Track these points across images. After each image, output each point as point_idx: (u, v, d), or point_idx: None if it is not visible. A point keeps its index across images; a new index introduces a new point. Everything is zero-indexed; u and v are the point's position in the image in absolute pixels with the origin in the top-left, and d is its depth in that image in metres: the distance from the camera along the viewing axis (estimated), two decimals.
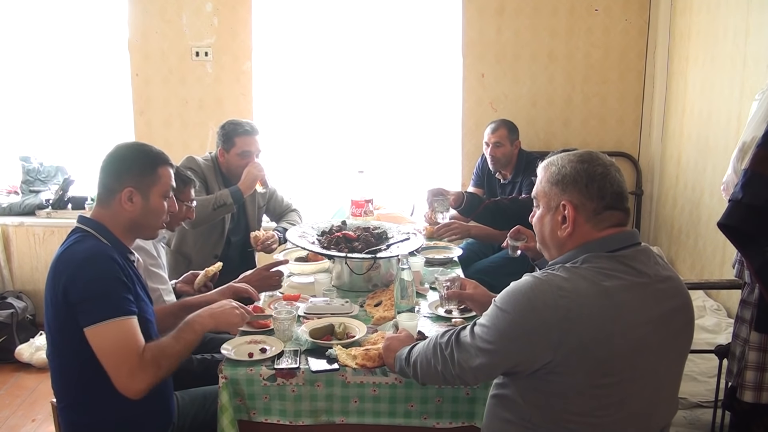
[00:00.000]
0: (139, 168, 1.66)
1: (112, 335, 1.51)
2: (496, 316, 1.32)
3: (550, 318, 1.23)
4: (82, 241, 1.61)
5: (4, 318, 3.49)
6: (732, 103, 2.81)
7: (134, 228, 1.69)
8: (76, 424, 1.66)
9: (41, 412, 2.95)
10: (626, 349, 1.25)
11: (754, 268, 1.67)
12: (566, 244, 1.36)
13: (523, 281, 1.31)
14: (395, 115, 3.98)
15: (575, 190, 1.34)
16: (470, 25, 3.72)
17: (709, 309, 2.82)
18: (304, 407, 1.74)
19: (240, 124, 2.86)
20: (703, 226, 3.09)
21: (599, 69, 3.75)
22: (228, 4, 3.76)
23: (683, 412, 2.17)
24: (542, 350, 1.24)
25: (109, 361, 1.51)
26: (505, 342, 1.30)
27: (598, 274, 1.27)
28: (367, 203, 3.02)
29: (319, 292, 2.26)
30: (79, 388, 1.62)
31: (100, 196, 1.68)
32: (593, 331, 1.23)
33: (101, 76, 4.04)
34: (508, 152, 3.25)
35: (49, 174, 4.09)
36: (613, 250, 1.31)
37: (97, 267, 1.55)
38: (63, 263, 1.58)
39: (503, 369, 1.35)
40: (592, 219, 1.33)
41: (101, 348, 1.51)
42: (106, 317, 1.50)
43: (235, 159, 2.83)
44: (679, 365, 1.39)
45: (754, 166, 1.62)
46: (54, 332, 1.61)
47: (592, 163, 1.35)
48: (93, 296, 1.52)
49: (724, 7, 2.94)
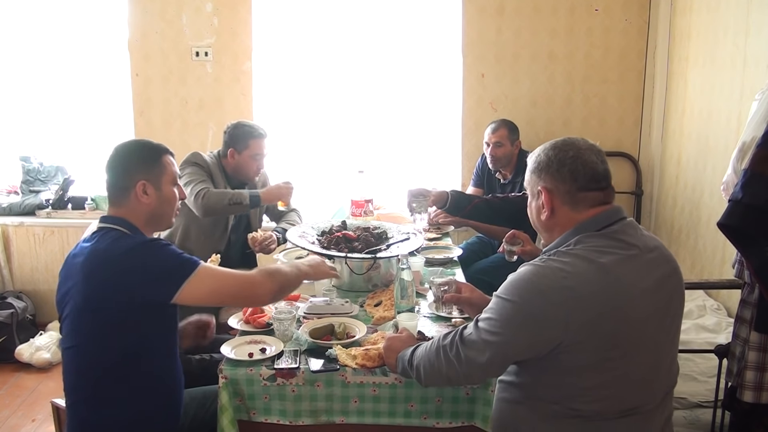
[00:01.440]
0: (145, 160, 1.70)
1: (208, 275, 1.60)
2: (501, 307, 1.35)
3: (557, 298, 1.27)
4: (114, 237, 1.62)
5: (4, 318, 3.49)
6: (732, 103, 2.81)
7: (153, 219, 1.73)
8: (87, 420, 1.65)
9: (41, 412, 2.95)
10: (628, 320, 1.30)
11: (754, 268, 1.67)
12: (552, 229, 1.44)
13: (523, 270, 1.35)
14: (395, 115, 3.98)
15: (548, 175, 1.42)
16: (470, 25, 3.72)
17: (709, 309, 2.83)
18: (304, 407, 1.74)
19: (254, 127, 2.88)
20: (703, 226, 3.09)
21: (599, 69, 3.75)
22: (228, 4, 3.76)
23: (683, 412, 2.16)
24: (552, 332, 1.28)
25: (225, 292, 1.62)
26: (513, 330, 1.33)
27: (593, 252, 1.32)
28: (367, 203, 3.02)
29: (319, 292, 2.26)
30: (104, 382, 1.62)
31: (112, 197, 1.70)
32: (598, 306, 1.27)
33: (101, 76, 4.03)
34: (509, 152, 3.25)
35: (49, 174, 4.09)
36: (601, 228, 1.37)
37: (147, 247, 1.61)
38: (100, 260, 1.58)
39: (513, 359, 1.38)
40: (569, 201, 1.40)
41: (206, 292, 1.59)
42: (191, 270, 1.57)
43: (248, 161, 2.85)
44: (675, 329, 1.44)
45: (754, 166, 1.63)
46: (84, 325, 1.60)
47: (564, 149, 1.43)
48: (163, 268, 1.57)
49: (724, 7, 2.94)
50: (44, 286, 3.86)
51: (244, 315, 2.04)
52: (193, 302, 1.61)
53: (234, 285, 1.64)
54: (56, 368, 3.41)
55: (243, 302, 1.82)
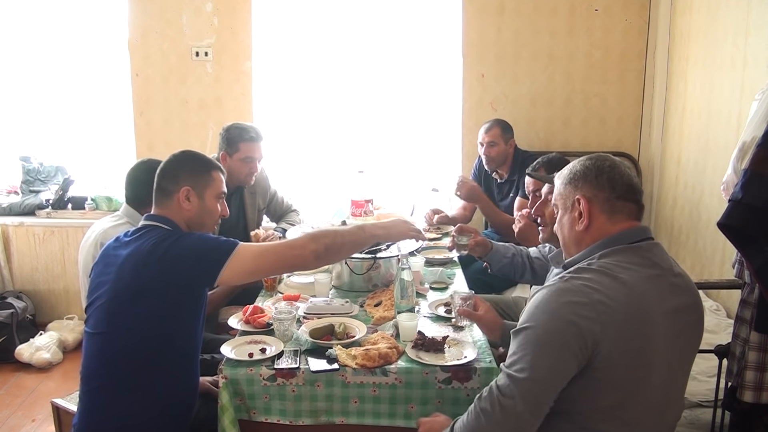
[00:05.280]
0: (194, 169, 1.80)
1: (247, 253, 1.65)
2: (526, 338, 1.29)
3: (589, 314, 1.24)
4: (159, 232, 1.69)
5: (4, 318, 3.49)
6: (732, 103, 2.81)
7: (193, 226, 1.79)
8: (106, 406, 1.65)
9: (41, 412, 2.95)
10: (653, 338, 1.28)
11: (754, 268, 1.67)
12: (584, 239, 1.41)
13: (544, 293, 1.31)
14: (395, 115, 3.98)
15: (586, 183, 1.41)
16: (470, 25, 3.72)
17: (709, 309, 2.82)
18: (304, 407, 1.74)
19: (246, 130, 2.83)
20: (703, 226, 3.08)
21: (599, 69, 3.75)
22: (228, 4, 3.75)
23: (683, 412, 2.16)
24: (587, 347, 1.24)
25: (266, 267, 1.70)
26: (551, 352, 1.26)
27: (615, 267, 1.30)
28: (367, 203, 3.01)
29: (319, 292, 2.26)
30: (129, 369, 1.64)
31: (156, 198, 1.80)
32: (628, 321, 1.26)
33: (101, 76, 4.03)
34: (503, 151, 3.26)
35: (49, 174, 4.09)
36: (628, 243, 1.35)
37: (187, 235, 1.70)
38: (147, 251, 1.64)
39: (556, 388, 1.29)
40: (607, 210, 1.39)
41: (249, 269, 1.65)
42: (230, 250, 1.63)
43: (237, 164, 2.82)
44: (688, 362, 1.42)
45: (754, 166, 1.62)
46: (119, 313, 1.65)
47: (600, 159, 1.43)
48: (202, 251, 1.64)
49: (724, 7, 2.94)
50: (44, 286, 3.86)
51: (244, 315, 2.04)
52: (238, 281, 1.71)
53: (272, 255, 1.69)
54: (56, 368, 3.41)
55: (288, 269, 1.93)
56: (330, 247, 1.71)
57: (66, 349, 3.55)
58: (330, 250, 1.72)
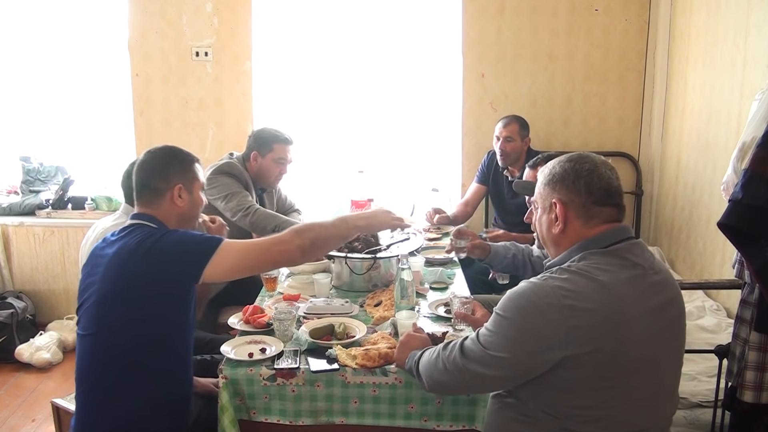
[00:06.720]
0: (182, 165, 1.80)
1: (231, 249, 1.65)
2: (500, 324, 1.34)
3: (556, 317, 1.25)
4: (145, 231, 1.69)
5: (4, 318, 3.49)
6: (732, 103, 2.81)
7: (182, 222, 1.79)
8: (101, 403, 1.65)
9: (41, 412, 2.95)
10: (630, 340, 1.28)
11: (754, 268, 1.67)
12: (561, 242, 1.41)
13: (522, 287, 1.33)
14: (395, 115, 3.98)
15: (563, 187, 1.40)
16: (470, 25, 3.72)
17: (709, 309, 2.82)
18: (304, 407, 1.74)
19: (280, 132, 2.93)
20: (703, 226, 3.08)
21: (599, 69, 3.75)
22: (228, 4, 3.75)
23: (683, 412, 2.16)
24: (552, 350, 1.27)
25: (249, 263, 1.67)
26: (513, 346, 1.31)
27: (595, 270, 1.30)
28: (367, 203, 3.01)
29: (319, 292, 2.26)
30: (120, 367, 1.64)
31: (144, 197, 1.77)
32: (599, 325, 1.26)
33: (101, 76, 4.03)
34: (518, 148, 3.26)
35: (49, 174, 4.09)
36: (607, 245, 1.35)
37: (171, 232, 1.69)
38: (132, 249, 1.64)
39: (515, 381, 1.37)
40: (582, 215, 1.38)
41: (232, 266, 1.64)
42: (214, 247, 1.63)
43: (270, 164, 2.88)
44: (677, 358, 1.42)
45: (754, 166, 1.62)
46: (108, 313, 1.64)
47: (579, 162, 1.41)
48: (186, 248, 1.64)
49: (724, 7, 2.94)
50: (44, 286, 3.86)
51: (244, 315, 2.04)
52: (222, 278, 1.69)
53: (257, 252, 1.68)
54: (56, 368, 3.41)
55: (272, 265, 1.90)
56: (315, 241, 1.71)
57: (66, 349, 3.55)
58: (315, 244, 1.71)
